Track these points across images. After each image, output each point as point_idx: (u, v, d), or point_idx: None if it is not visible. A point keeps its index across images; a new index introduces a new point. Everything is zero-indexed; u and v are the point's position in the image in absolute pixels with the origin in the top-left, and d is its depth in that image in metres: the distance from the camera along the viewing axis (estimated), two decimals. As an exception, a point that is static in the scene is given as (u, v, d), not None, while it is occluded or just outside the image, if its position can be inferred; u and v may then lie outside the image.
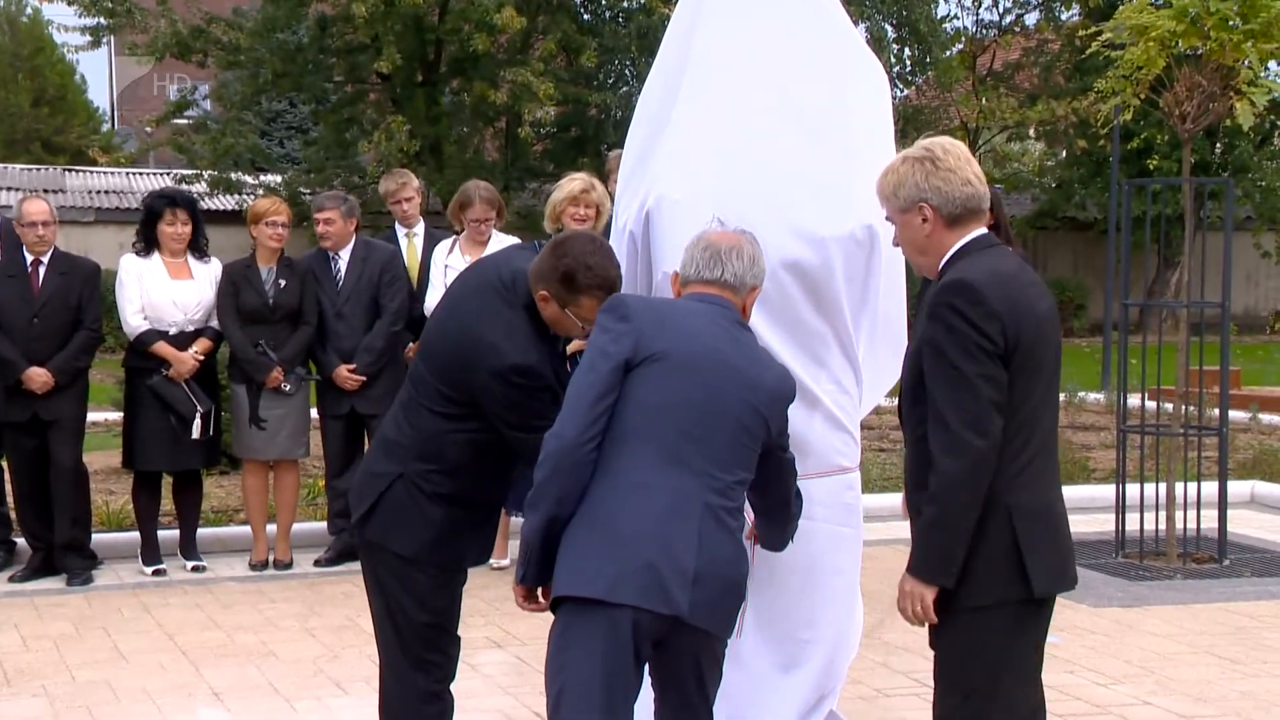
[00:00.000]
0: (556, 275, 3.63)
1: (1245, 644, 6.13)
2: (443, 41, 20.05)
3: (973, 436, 3.14)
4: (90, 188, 26.79)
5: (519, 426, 3.68)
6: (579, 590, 3.18)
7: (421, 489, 3.80)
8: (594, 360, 3.29)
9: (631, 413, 3.25)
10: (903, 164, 3.38)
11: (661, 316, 3.37)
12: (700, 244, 3.50)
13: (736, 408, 3.30)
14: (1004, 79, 26.31)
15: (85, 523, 7.33)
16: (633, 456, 3.23)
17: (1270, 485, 9.68)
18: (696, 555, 3.18)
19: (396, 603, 3.89)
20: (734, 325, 3.43)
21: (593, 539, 3.20)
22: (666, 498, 3.20)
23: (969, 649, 3.25)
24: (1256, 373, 17.04)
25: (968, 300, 3.17)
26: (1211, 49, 7.35)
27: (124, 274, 7.26)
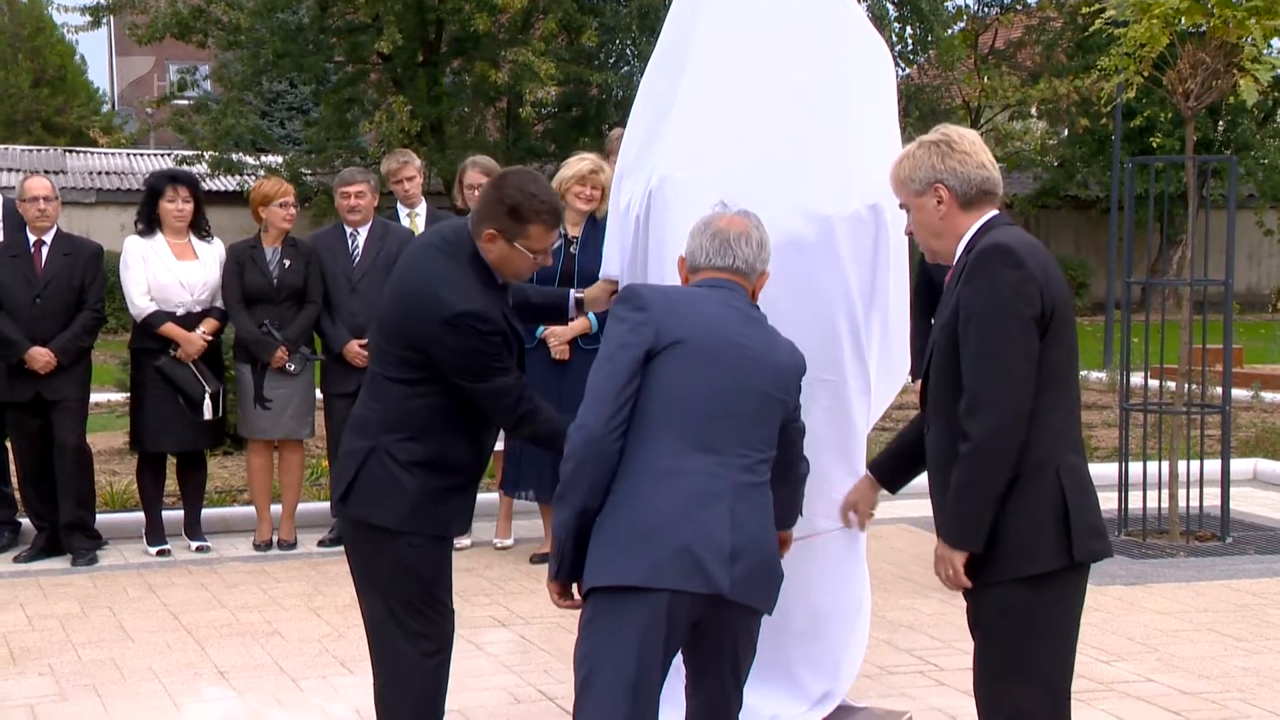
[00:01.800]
0: (502, 210, 3.73)
1: (1248, 621, 6.14)
2: (443, 21, 20.01)
3: (1008, 400, 3.16)
4: (91, 169, 26.77)
5: (475, 375, 3.72)
6: (614, 579, 3.17)
7: (395, 459, 3.81)
8: (613, 351, 3.30)
9: (655, 401, 3.26)
10: (918, 149, 3.43)
11: (676, 304, 3.38)
12: (708, 231, 3.50)
13: (757, 388, 3.34)
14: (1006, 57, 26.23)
15: (89, 503, 7.34)
16: (659, 444, 3.24)
17: (1273, 463, 9.68)
18: (731, 533, 3.19)
19: (383, 577, 3.89)
20: (747, 309, 3.46)
21: (625, 529, 3.19)
22: (696, 481, 3.21)
23: (1020, 621, 3.24)
24: (1259, 350, 17.04)
25: (1007, 264, 3.21)
26: (1215, 26, 7.33)
27: (129, 256, 7.26)
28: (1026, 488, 3.21)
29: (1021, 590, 3.23)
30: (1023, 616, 3.25)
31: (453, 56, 20.93)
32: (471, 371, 3.73)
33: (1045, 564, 3.22)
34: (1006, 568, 3.24)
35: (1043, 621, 3.25)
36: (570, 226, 7.01)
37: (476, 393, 3.75)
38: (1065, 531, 3.21)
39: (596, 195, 6.96)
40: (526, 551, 7.29)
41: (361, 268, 7.42)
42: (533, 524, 7.54)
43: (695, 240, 3.52)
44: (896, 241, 4.39)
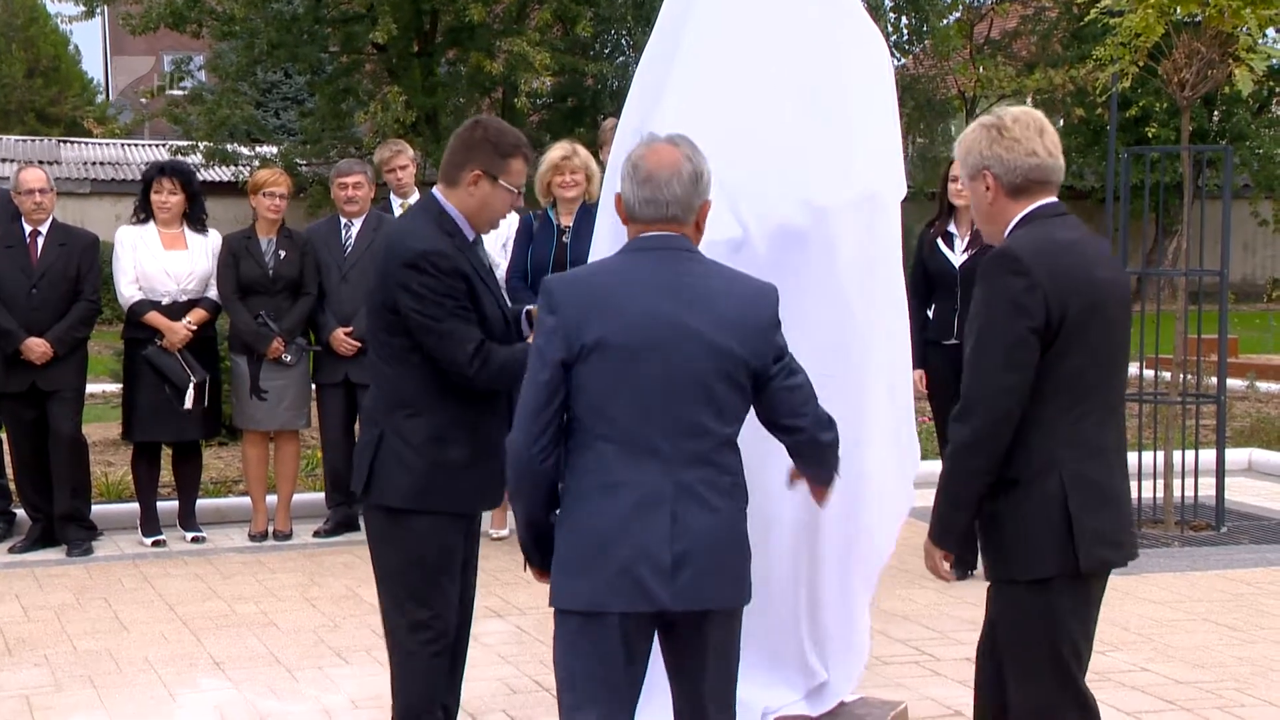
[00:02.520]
0: (487, 147, 3.84)
1: (1243, 610, 6.16)
2: (438, 11, 19.95)
3: (988, 406, 3.18)
4: (86, 159, 26.73)
5: (433, 317, 3.75)
6: (565, 604, 3.15)
7: (403, 438, 3.87)
8: (533, 365, 3.15)
9: (584, 410, 3.11)
10: (973, 131, 3.39)
11: (592, 297, 3.13)
12: (637, 175, 3.20)
13: (700, 365, 3.11)
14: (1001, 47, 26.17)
15: (85, 493, 7.34)
16: (596, 457, 3.11)
17: (1267, 453, 9.71)
18: (672, 543, 3.07)
19: (391, 562, 3.94)
20: (681, 266, 3.18)
21: (569, 549, 3.14)
22: (632, 493, 3.08)
23: (1030, 625, 3.25)
24: (1254, 340, 17.06)
25: (1011, 271, 3.19)
26: (1210, 15, 7.34)
27: (118, 244, 7.27)
28: (1027, 492, 3.21)
29: (1027, 592, 3.25)
30: (1027, 618, 3.26)
31: (447, 47, 20.88)
32: (430, 314, 3.77)
33: (1047, 569, 3.22)
34: (1011, 569, 3.27)
35: (1046, 625, 3.25)
36: (562, 216, 7.00)
37: (434, 337, 3.78)
38: (1069, 538, 3.20)
39: (580, 179, 6.94)
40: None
41: (353, 258, 7.42)
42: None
43: (626, 185, 3.23)
44: (895, 231, 4.38)
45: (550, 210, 7.06)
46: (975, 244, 6.55)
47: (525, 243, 7.03)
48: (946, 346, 6.59)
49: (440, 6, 19.58)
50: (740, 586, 3.21)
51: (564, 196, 6.98)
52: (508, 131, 3.90)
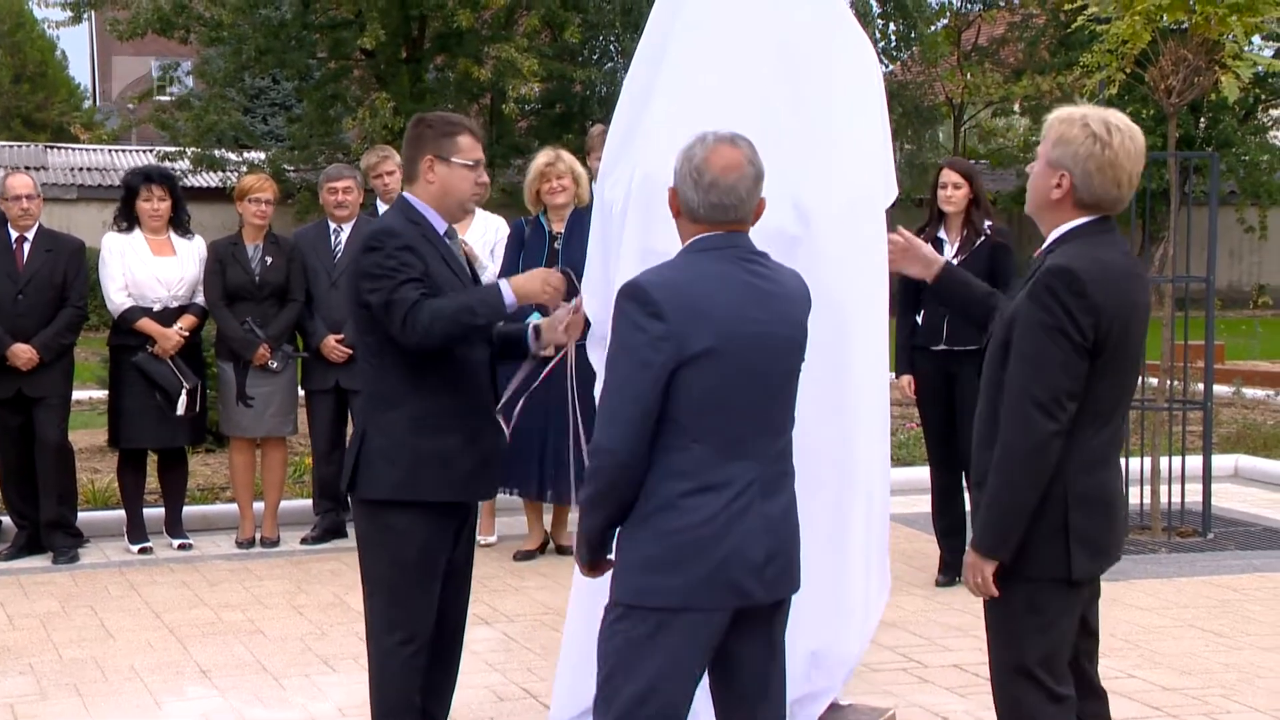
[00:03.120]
0: (431, 134, 3.95)
1: (1229, 617, 6.17)
2: (426, 17, 19.96)
3: (1043, 419, 3.20)
4: (72, 165, 26.67)
5: (381, 289, 3.81)
6: (653, 601, 3.14)
7: (385, 432, 3.91)
8: (633, 369, 3.12)
9: (683, 414, 3.13)
10: (1080, 127, 3.31)
11: (692, 304, 3.13)
12: (704, 181, 3.21)
13: (782, 366, 3.24)
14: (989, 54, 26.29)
15: (71, 501, 7.31)
16: (690, 458, 3.13)
17: (1254, 459, 9.73)
18: (762, 538, 3.16)
19: (373, 557, 3.98)
20: (752, 267, 3.23)
21: (658, 548, 3.14)
22: (727, 493, 3.14)
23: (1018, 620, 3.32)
24: (1240, 347, 17.10)
25: (1070, 290, 3.21)
26: (1197, 23, 7.36)
27: (106, 251, 7.24)
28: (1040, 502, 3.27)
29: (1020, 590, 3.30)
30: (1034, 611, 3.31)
31: (436, 53, 20.89)
32: (379, 288, 3.82)
33: (1042, 573, 3.30)
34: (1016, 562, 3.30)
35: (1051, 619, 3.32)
36: (554, 222, 7.00)
37: (384, 310, 3.83)
38: (1065, 549, 3.28)
39: (567, 184, 6.95)
40: (510, 549, 7.27)
41: (343, 263, 7.40)
42: (516, 521, 7.52)
43: (689, 189, 3.23)
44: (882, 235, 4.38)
45: (541, 217, 7.06)
46: (965, 249, 6.56)
47: (517, 249, 7.04)
48: (935, 352, 6.60)
49: (428, 12, 19.59)
50: (798, 573, 3.31)
51: (554, 203, 6.99)
52: (448, 116, 4.05)
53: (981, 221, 6.60)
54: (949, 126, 26.71)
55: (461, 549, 4.14)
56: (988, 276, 6.53)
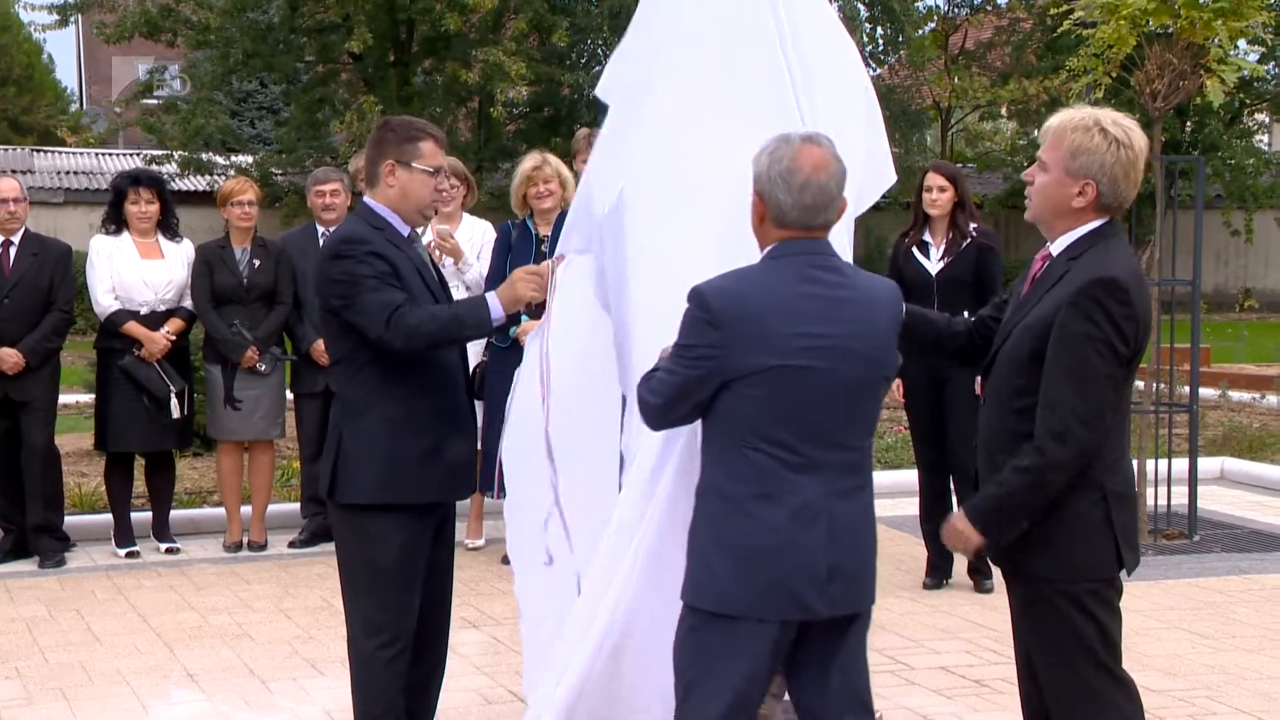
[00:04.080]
0: (394, 138, 3.99)
1: (1214, 619, 6.19)
2: (414, 21, 19.94)
3: (1085, 432, 3.24)
4: (59, 168, 26.58)
5: (348, 297, 3.85)
6: (713, 606, 3.16)
7: (361, 436, 3.93)
8: (682, 370, 3.14)
9: (743, 422, 3.12)
10: (1100, 134, 3.32)
11: (754, 319, 3.10)
12: (795, 182, 3.15)
13: (856, 381, 3.17)
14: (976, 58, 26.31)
15: (57, 504, 7.30)
16: (752, 465, 3.13)
17: (1239, 462, 9.76)
18: (827, 552, 3.14)
19: (352, 560, 3.99)
20: (831, 275, 3.19)
21: (721, 553, 3.14)
22: (790, 504, 3.12)
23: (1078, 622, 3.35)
24: (1226, 350, 17.15)
25: (1118, 300, 3.23)
26: (1182, 27, 7.38)
27: (94, 254, 7.24)
28: (1071, 502, 3.31)
29: (1066, 596, 3.35)
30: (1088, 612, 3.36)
31: (424, 56, 20.87)
32: (344, 294, 3.86)
33: (1099, 573, 3.37)
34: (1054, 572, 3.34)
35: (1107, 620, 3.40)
36: (540, 226, 7.02)
37: (359, 315, 3.85)
38: (1114, 546, 3.35)
39: (554, 189, 6.96)
40: (497, 552, 7.25)
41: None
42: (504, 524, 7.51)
43: (780, 193, 3.16)
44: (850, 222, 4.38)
45: (528, 220, 7.07)
46: (950, 252, 6.59)
47: (504, 252, 7.05)
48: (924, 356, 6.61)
49: (416, 16, 19.57)
50: (872, 588, 3.30)
51: (540, 207, 7.00)
52: (412, 121, 4.08)
53: (967, 224, 6.63)
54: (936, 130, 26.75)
55: (442, 550, 4.15)
56: (974, 279, 6.57)
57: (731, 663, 3.15)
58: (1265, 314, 26.68)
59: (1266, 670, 5.49)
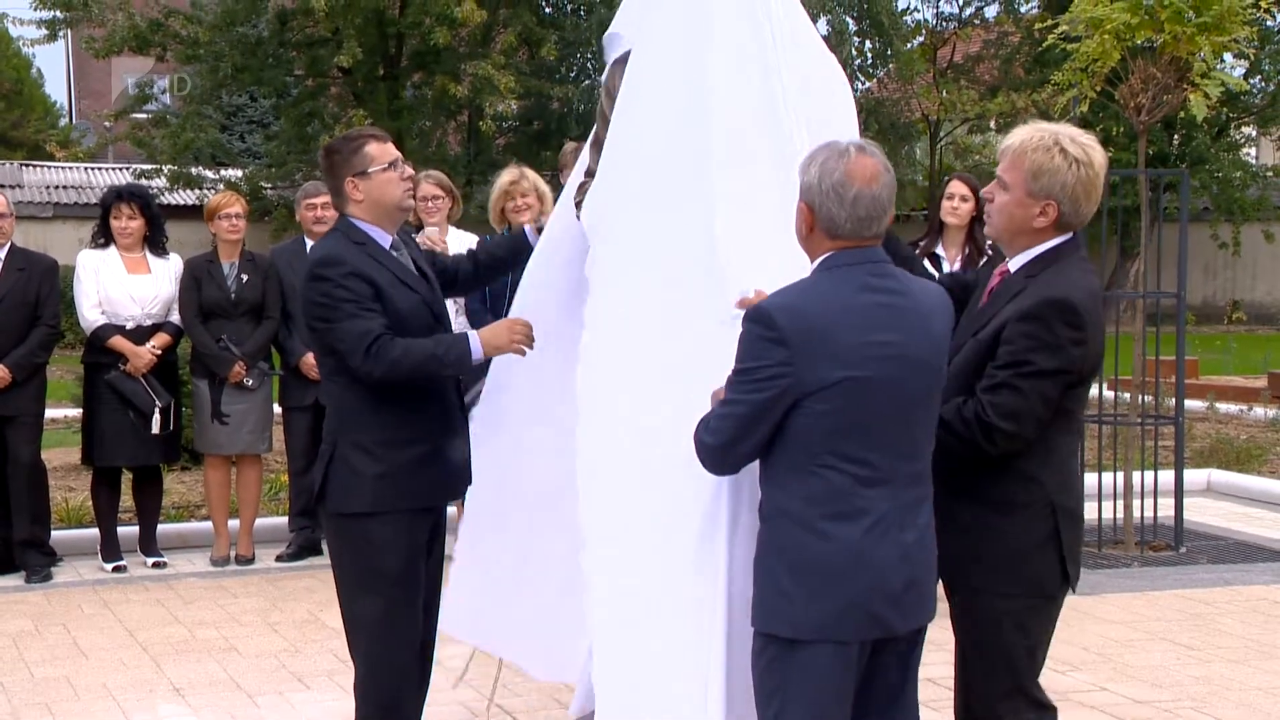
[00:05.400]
0: (339, 157, 4.00)
1: (1200, 630, 6.21)
2: (404, 35, 19.97)
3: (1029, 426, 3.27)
4: (48, 183, 26.56)
5: (327, 319, 3.88)
6: (788, 632, 3.09)
7: (354, 447, 3.95)
8: (748, 391, 3.05)
9: (812, 440, 3.05)
10: (1060, 155, 3.32)
11: (820, 332, 3.04)
12: (848, 194, 3.10)
13: (920, 391, 3.14)
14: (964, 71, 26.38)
15: (44, 519, 7.29)
16: (823, 484, 3.06)
17: (1226, 474, 9.79)
18: (901, 567, 3.10)
19: (354, 569, 3.99)
20: (888, 282, 3.15)
21: (798, 578, 3.07)
22: (863, 521, 3.06)
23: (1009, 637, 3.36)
24: (1214, 363, 17.19)
25: (1067, 324, 3.26)
26: (1166, 41, 7.42)
27: (81, 269, 7.24)
28: (1022, 515, 3.34)
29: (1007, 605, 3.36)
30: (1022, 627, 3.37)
31: (413, 70, 20.89)
32: (324, 317, 3.89)
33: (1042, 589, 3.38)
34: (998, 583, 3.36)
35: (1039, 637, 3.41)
36: (521, 241, 7.03)
37: (338, 340, 3.88)
38: (1059, 561, 3.37)
39: (531, 202, 6.97)
40: (485, 565, 7.26)
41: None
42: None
43: (832, 205, 3.11)
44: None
45: (506, 234, 7.08)
46: (968, 267, 6.46)
47: (485, 266, 7.05)
48: None
49: (406, 30, 19.60)
50: (935, 598, 3.27)
51: (518, 221, 7.01)
52: (348, 134, 4.13)
53: (984, 240, 6.52)
54: (925, 143, 26.82)
55: (434, 561, 4.16)
56: None
57: (815, 689, 3.07)
58: (1253, 326, 26.77)
59: (1251, 681, 5.50)
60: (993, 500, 3.35)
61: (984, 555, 3.35)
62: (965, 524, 3.34)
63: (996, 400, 3.27)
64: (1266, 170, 26.43)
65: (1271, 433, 12.01)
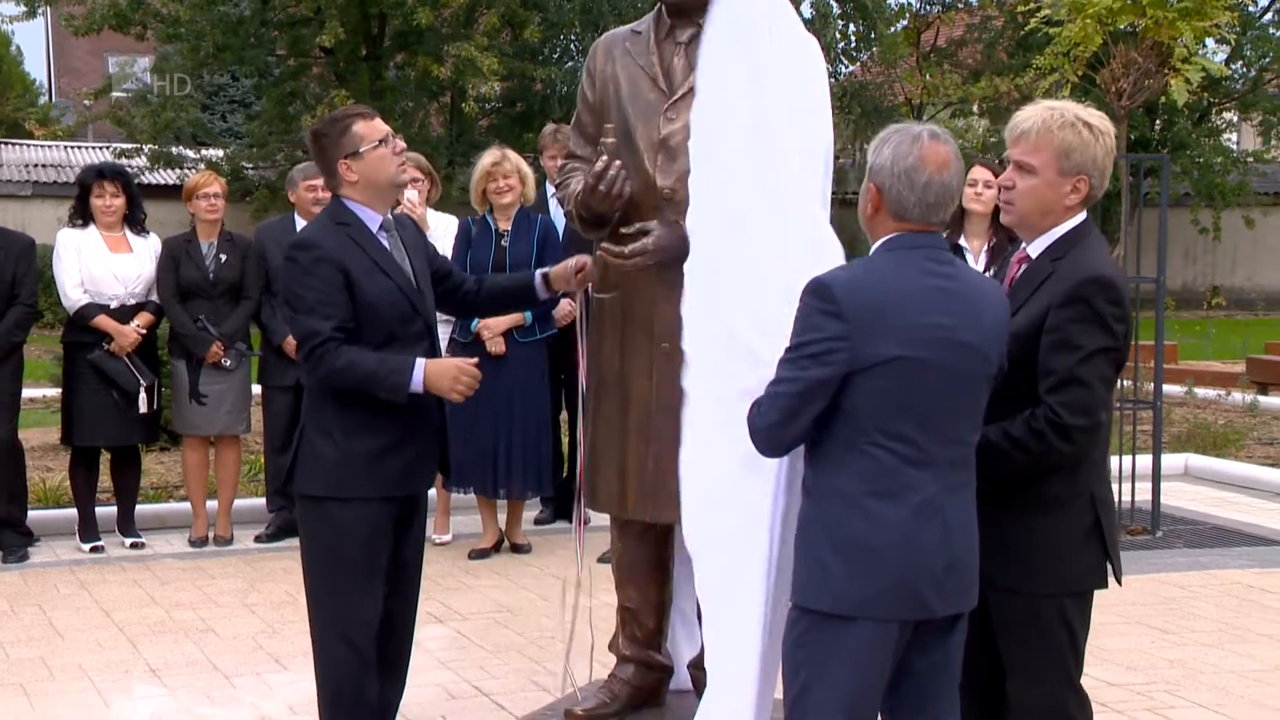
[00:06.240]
0: (329, 139, 3.96)
1: (1175, 614, 6.24)
2: (386, 15, 19.89)
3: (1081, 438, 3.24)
4: (27, 161, 26.42)
5: (292, 304, 3.91)
6: (827, 606, 3.08)
7: (320, 429, 3.97)
8: (802, 367, 3.05)
9: (862, 417, 3.06)
10: (1086, 130, 3.30)
11: (877, 308, 3.05)
12: (920, 178, 3.12)
13: (971, 375, 3.13)
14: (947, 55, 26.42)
15: (21, 499, 7.26)
16: (871, 461, 3.06)
17: (1203, 458, 9.83)
18: (943, 550, 3.09)
19: (315, 550, 4.01)
20: (945, 268, 3.16)
21: (836, 552, 3.07)
22: (909, 502, 3.06)
23: (1058, 635, 3.33)
24: (1194, 347, 17.25)
25: (1109, 300, 3.23)
26: (1147, 26, 7.46)
27: (61, 248, 7.20)
28: (1065, 511, 3.30)
29: (1053, 604, 3.33)
30: (1051, 627, 3.34)
31: (395, 50, 20.82)
32: (290, 303, 3.94)
33: (1085, 584, 3.37)
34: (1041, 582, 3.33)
35: (1069, 632, 3.36)
36: (500, 221, 7.05)
37: (292, 325, 3.96)
38: (1104, 556, 3.36)
39: (514, 184, 6.99)
40: (465, 548, 7.27)
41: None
42: (471, 519, 7.53)
43: (904, 189, 3.12)
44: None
45: (488, 215, 7.09)
46: (995, 258, 6.02)
47: (464, 247, 7.08)
48: None
49: (388, 10, 19.52)
50: (977, 586, 3.24)
51: (500, 202, 7.03)
52: (333, 115, 4.08)
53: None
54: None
55: (410, 545, 4.15)
56: None
57: (846, 666, 3.07)
58: (1232, 311, 26.88)
59: (1224, 664, 5.54)
60: (1036, 501, 3.31)
61: (1027, 557, 3.31)
62: (1005, 528, 3.29)
63: (1065, 399, 3.22)
64: (1247, 156, 26.52)
65: (1249, 418, 12.08)
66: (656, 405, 4.22)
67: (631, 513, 4.37)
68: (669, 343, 4.14)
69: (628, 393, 4.31)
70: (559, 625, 4.57)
